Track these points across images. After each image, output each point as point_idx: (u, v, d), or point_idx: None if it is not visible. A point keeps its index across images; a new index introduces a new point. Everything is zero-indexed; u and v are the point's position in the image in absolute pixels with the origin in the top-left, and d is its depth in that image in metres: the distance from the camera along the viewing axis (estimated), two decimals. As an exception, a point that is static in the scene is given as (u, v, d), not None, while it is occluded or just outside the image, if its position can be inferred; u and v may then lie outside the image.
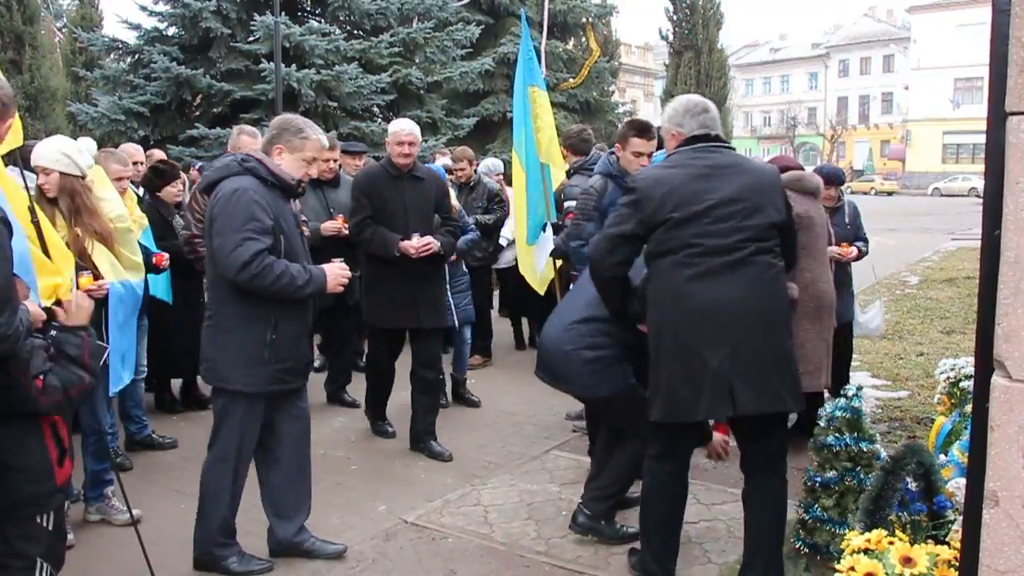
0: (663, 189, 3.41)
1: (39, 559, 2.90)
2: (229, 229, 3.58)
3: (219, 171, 3.80)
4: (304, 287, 3.70)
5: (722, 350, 3.28)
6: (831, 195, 5.82)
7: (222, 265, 3.60)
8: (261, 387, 3.76)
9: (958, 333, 8.59)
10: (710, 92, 29.84)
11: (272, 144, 3.81)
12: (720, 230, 3.36)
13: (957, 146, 53.43)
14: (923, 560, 2.81)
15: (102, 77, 13.56)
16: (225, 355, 3.72)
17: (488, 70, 16.12)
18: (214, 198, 3.71)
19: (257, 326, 3.70)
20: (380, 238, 5.25)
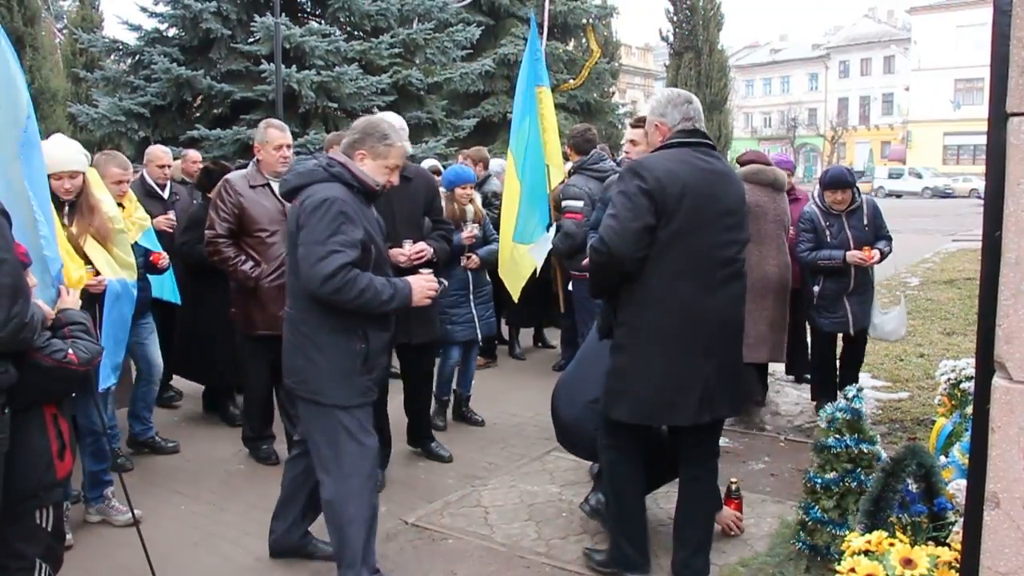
0: (678, 186, 3.36)
1: (38, 560, 2.93)
2: (314, 240, 3.38)
3: (303, 176, 3.56)
4: (389, 302, 3.48)
5: (713, 360, 3.46)
6: (839, 199, 5.76)
7: (304, 277, 3.41)
8: (357, 399, 3.55)
9: (959, 334, 8.59)
10: (710, 93, 29.88)
11: (354, 148, 3.61)
12: (723, 241, 3.45)
13: (958, 147, 53.40)
14: (924, 562, 2.81)
15: (102, 78, 13.58)
16: (318, 368, 3.50)
17: (488, 71, 16.13)
18: (300, 205, 3.48)
19: (348, 337, 3.50)
20: None
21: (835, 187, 5.75)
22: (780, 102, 65.48)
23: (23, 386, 2.76)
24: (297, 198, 3.54)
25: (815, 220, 5.83)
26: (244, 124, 12.40)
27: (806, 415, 6.16)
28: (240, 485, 5.01)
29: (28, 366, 2.77)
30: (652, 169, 3.39)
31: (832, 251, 5.73)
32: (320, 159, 3.63)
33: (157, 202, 6.21)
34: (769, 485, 4.92)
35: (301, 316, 3.55)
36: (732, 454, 5.42)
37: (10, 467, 2.77)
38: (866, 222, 5.81)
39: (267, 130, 5.15)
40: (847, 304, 5.82)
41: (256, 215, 5.00)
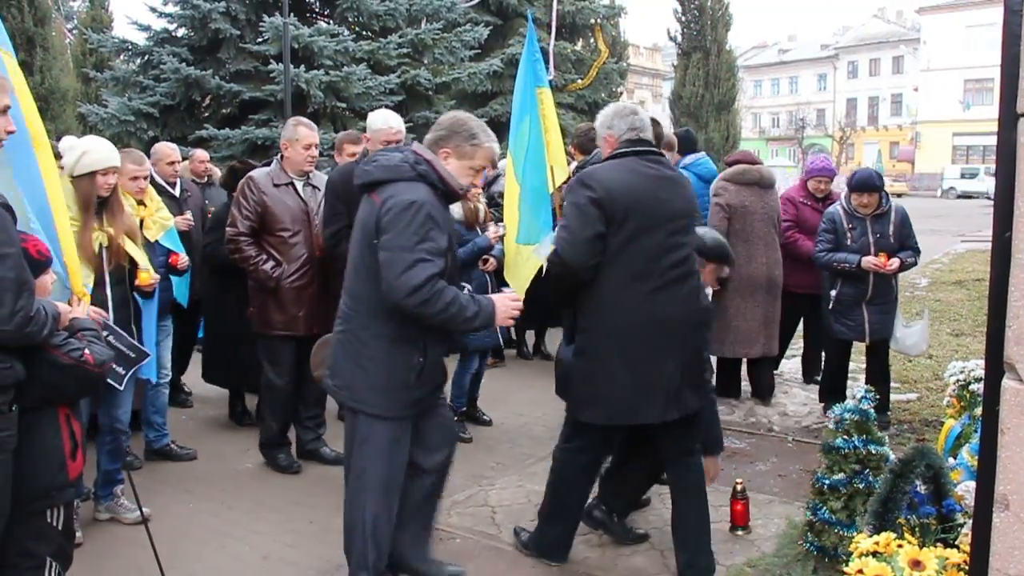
0: (626, 193, 3.51)
1: (49, 558, 2.95)
2: (401, 247, 3.15)
3: (387, 171, 3.33)
4: (472, 319, 3.27)
5: (676, 359, 3.55)
6: (865, 202, 5.61)
7: (389, 286, 3.16)
8: (403, 412, 3.39)
9: (968, 335, 8.56)
10: (718, 93, 29.87)
11: (439, 146, 3.41)
12: (673, 243, 3.58)
13: (967, 148, 53.19)
14: (932, 563, 2.80)
15: (112, 78, 13.62)
16: (367, 377, 3.33)
17: (496, 71, 16.12)
18: (382, 204, 3.25)
19: (407, 349, 3.31)
20: None
21: (862, 190, 5.59)
22: (788, 102, 65.28)
23: (37, 383, 2.78)
24: (377, 194, 3.31)
25: (837, 221, 5.70)
26: (253, 124, 12.44)
27: (814, 416, 6.15)
28: (248, 484, 5.02)
29: (44, 363, 2.79)
30: (600, 179, 3.54)
31: (848, 255, 5.60)
32: (406, 154, 3.40)
33: (169, 200, 6.05)
34: (777, 486, 4.91)
35: (362, 321, 3.35)
36: (740, 455, 5.41)
37: (23, 466, 2.79)
38: (892, 229, 5.64)
39: (297, 127, 5.03)
40: (865, 312, 5.70)
41: (279, 213, 4.96)
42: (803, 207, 6.48)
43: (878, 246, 5.58)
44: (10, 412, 2.66)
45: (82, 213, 4.03)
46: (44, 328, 2.70)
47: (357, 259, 3.37)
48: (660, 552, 4.06)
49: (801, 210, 6.48)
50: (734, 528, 4.25)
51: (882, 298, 5.70)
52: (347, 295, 3.43)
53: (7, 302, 2.56)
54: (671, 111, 31.75)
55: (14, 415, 2.68)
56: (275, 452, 5.22)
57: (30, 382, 2.76)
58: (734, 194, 6.11)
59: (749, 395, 6.61)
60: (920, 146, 55.04)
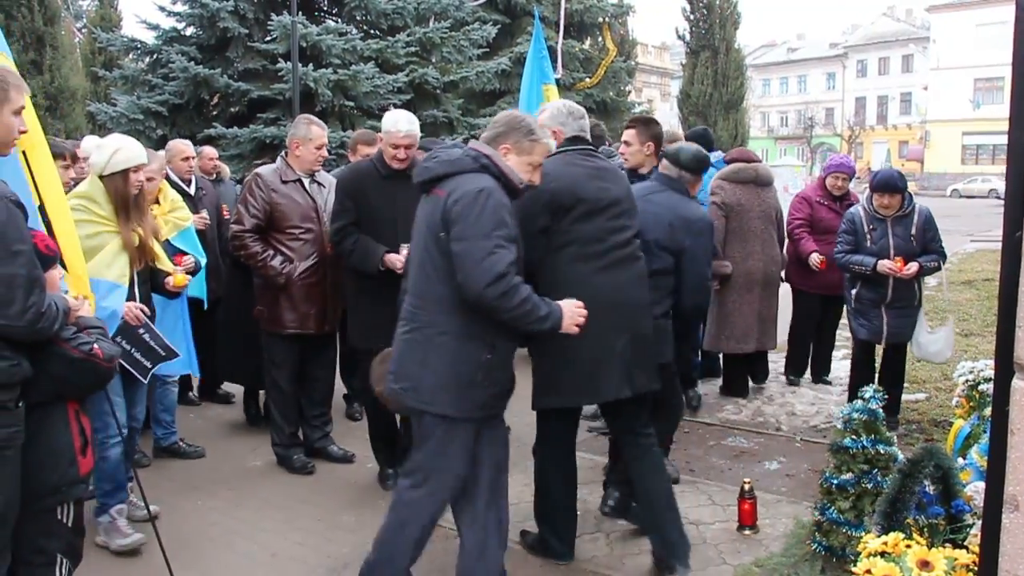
0: (570, 182, 3.72)
1: (59, 555, 2.96)
2: (477, 234, 3.08)
3: (449, 165, 3.28)
4: (543, 320, 3.20)
5: (624, 336, 3.67)
6: (887, 203, 5.43)
7: (467, 276, 3.08)
8: (471, 412, 3.28)
9: (977, 336, 8.52)
10: (727, 92, 29.81)
11: (497, 143, 3.38)
12: (616, 226, 3.77)
13: (977, 147, 52.99)
14: (941, 564, 2.79)
15: (121, 77, 13.67)
16: (435, 376, 3.23)
17: (504, 69, 16.12)
18: (447, 197, 3.19)
19: (473, 345, 3.23)
20: (363, 250, 4.57)
21: (884, 191, 5.42)
22: (797, 101, 65.17)
23: (48, 376, 2.80)
24: (440, 188, 3.25)
25: (856, 222, 5.56)
26: (261, 123, 12.47)
27: (822, 415, 6.13)
28: (257, 482, 5.03)
29: (54, 356, 2.80)
30: (555, 173, 3.69)
31: (865, 257, 5.45)
32: (466, 149, 3.36)
33: (185, 198, 5.94)
34: (785, 485, 4.90)
35: (428, 318, 3.25)
36: (748, 454, 5.40)
37: (34, 463, 2.81)
38: (914, 231, 5.45)
39: (310, 127, 5.00)
40: (884, 315, 5.56)
41: (288, 211, 4.94)
42: (819, 206, 6.42)
43: (898, 249, 5.41)
44: (17, 408, 2.68)
45: (117, 212, 4.02)
46: (55, 323, 2.71)
47: (423, 257, 3.29)
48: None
49: (816, 209, 6.42)
50: (742, 527, 4.24)
51: (902, 302, 5.53)
52: (413, 295, 3.33)
53: (19, 299, 2.57)
54: (679, 110, 31.70)
55: (20, 411, 2.70)
56: (289, 453, 5.20)
57: (40, 375, 2.78)
58: (730, 192, 6.16)
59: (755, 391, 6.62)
60: (929, 145, 54.84)
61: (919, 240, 5.47)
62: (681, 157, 4.32)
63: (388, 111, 4.78)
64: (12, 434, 2.65)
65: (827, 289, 6.33)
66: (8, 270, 2.56)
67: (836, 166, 6.52)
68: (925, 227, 5.47)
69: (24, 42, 16.27)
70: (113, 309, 3.91)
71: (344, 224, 4.62)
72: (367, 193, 4.60)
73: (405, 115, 4.64)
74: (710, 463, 5.25)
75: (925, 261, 5.43)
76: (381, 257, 4.49)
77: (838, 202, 6.41)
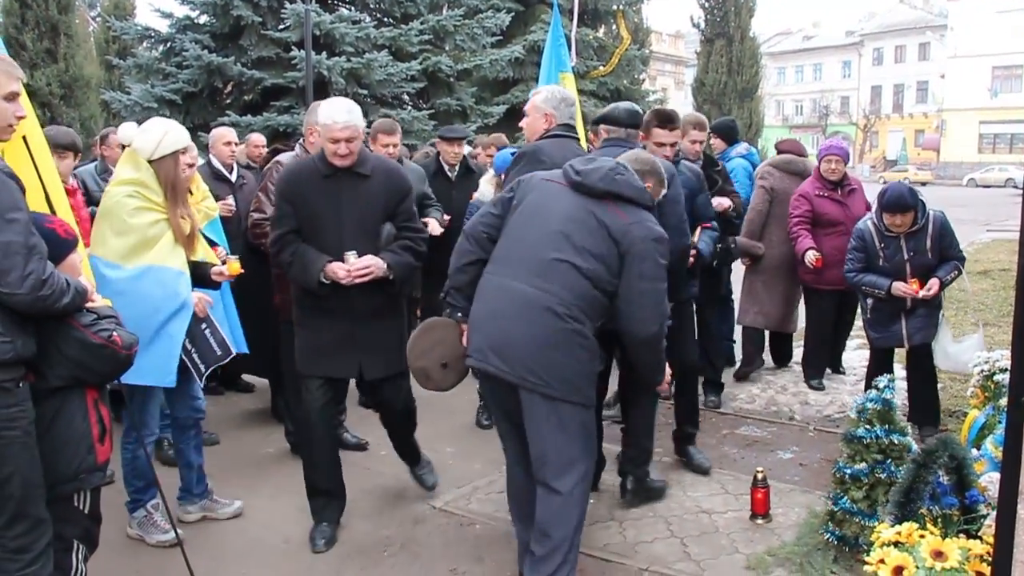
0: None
1: (75, 541, 3.00)
2: (656, 280, 3.37)
3: (638, 193, 3.43)
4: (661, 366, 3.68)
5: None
6: (898, 222, 5.03)
7: (645, 316, 3.36)
8: (593, 400, 3.48)
9: (993, 326, 8.46)
10: (742, 80, 29.62)
11: (644, 180, 3.55)
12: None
13: (994, 136, 52.62)
14: (955, 554, 2.79)
15: (135, 65, 13.70)
16: (582, 367, 3.29)
17: (518, 58, 16.10)
18: (632, 227, 3.33)
19: (598, 344, 3.40)
20: (301, 261, 3.95)
21: (894, 210, 4.99)
22: (812, 90, 64.74)
23: (66, 360, 2.83)
24: (623, 211, 3.34)
25: (867, 239, 5.21)
26: (275, 111, 12.49)
27: (836, 405, 6.12)
28: (270, 468, 5.06)
29: (73, 341, 2.83)
30: (551, 155, 3.91)
31: (879, 278, 5.16)
32: (641, 184, 3.48)
33: (224, 185, 5.89)
34: (798, 475, 4.89)
35: (574, 314, 3.24)
36: (761, 443, 5.40)
37: (52, 449, 2.84)
38: (929, 243, 5.07)
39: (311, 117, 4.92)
40: (903, 320, 5.23)
41: None
42: (819, 199, 6.17)
43: (914, 264, 5.10)
44: (18, 388, 2.69)
45: (168, 197, 3.91)
46: (63, 296, 2.71)
47: (594, 264, 3.27)
48: (680, 540, 4.06)
49: (817, 203, 6.17)
50: (754, 516, 4.24)
51: (924, 307, 5.19)
52: (569, 292, 3.25)
53: (17, 265, 2.58)
54: (694, 98, 31.53)
55: (23, 392, 2.71)
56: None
57: (59, 359, 2.81)
58: (778, 180, 6.54)
59: (768, 381, 6.61)
60: (946, 134, 54.44)
61: (935, 251, 5.12)
62: (621, 116, 4.37)
63: (322, 102, 4.18)
64: (14, 414, 2.66)
65: (839, 284, 6.02)
66: (4, 237, 2.57)
67: (827, 149, 6.36)
68: (941, 235, 5.12)
69: (39, 31, 16.30)
70: (184, 299, 3.84)
71: (282, 233, 4.01)
72: (307, 195, 3.99)
73: (343, 104, 4.05)
74: (723, 452, 5.25)
75: (944, 274, 5.12)
76: (322, 268, 3.89)
77: (837, 189, 6.22)
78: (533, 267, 3.28)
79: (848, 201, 6.23)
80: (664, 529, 4.19)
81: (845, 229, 6.01)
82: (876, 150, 59.47)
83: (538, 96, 4.28)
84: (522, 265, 3.31)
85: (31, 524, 2.73)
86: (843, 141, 6.68)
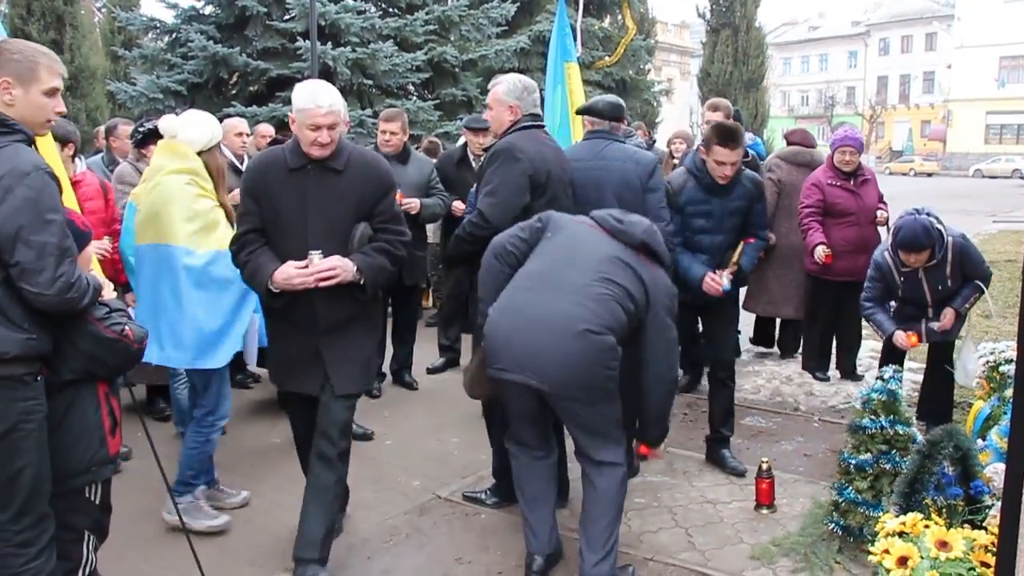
0: (543, 163, 4.02)
1: (86, 531, 3.02)
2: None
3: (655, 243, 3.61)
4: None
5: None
6: (913, 260, 4.79)
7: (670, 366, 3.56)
8: None
9: (998, 317, 8.46)
10: (747, 71, 29.57)
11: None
12: (569, 205, 4.06)
13: (1000, 126, 52.39)
14: (959, 544, 2.79)
15: (140, 56, 13.69)
16: (616, 379, 3.37)
17: (524, 48, 16.03)
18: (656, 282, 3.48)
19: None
20: (252, 266, 3.49)
21: (909, 250, 4.75)
22: (818, 80, 64.54)
23: (80, 354, 2.85)
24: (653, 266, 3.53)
25: (884, 270, 4.98)
26: (280, 101, 12.46)
27: (841, 396, 6.12)
28: (275, 458, 5.08)
29: (87, 335, 2.84)
30: (525, 150, 3.96)
31: (885, 320, 5.04)
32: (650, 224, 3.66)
33: (236, 176, 5.80)
34: (802, 465, 4.90)
35: (608, 334, 3.36)
36: (765, 434, 5.41)
37: (66, 442, 2.87)
38: (949, 271, 4.86)
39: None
40: (924, 323, 5.07)
41: None
42: (831, 189, 6.06)
43: (935, 294, 4.95)
44: (35, 383, 2.72)
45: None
46: (85, 297, 2.74)
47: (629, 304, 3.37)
48: (685, 530, 4.08)
49: (829, 193, 6.06)
50: (759, 507, 4.25)
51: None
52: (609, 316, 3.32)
53: (49, 267, 2.61)
54: (699, 89, 31.47)
55: (39, 386, 2.74)
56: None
57: (72, 352, 2.83)
58: (786, 172, 6.64)
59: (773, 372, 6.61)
60: (952, 125, 54.21)
61: (956, 277, 4.91)
62: (604, 109, 4.45)
63: (300, 84, 3.59)
64: (31, 407, 2.69)
65: (849, 275, 5.97)
66: (40, 238, 2.59)
67: (841, 140, 6.13)
68: (962, 262, 4.89)
69: (44, 22, 16.29)
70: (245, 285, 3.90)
71: (241, 232, 3.57)
72: (271, 191, 3.50)
73: (325, 86, 3.56)
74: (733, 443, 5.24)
75: (961, 304, 4.97)
76: (270, 275, 3.41)
77: (851, 179, 6.09)
78: (576, 287, 3.34)
79: (861, 191, 6.09)
80: (669, 519, 4.21)
81: (856, 220, 6.01)
82: (882, 141, 59.28)
83: (499, 87, 4.18)
84: (564, 284, 3.36)
85: (37, 518, 2.75)
86: (856, 130, 6.43)
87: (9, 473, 2.66)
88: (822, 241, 5.93)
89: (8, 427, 2.63)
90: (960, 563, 2.76)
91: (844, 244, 5.98)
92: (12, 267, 2.58)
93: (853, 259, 5.92)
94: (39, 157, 2.72)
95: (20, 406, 2.66)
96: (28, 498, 2.71)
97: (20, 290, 2.61)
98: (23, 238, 2.57)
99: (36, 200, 2.59)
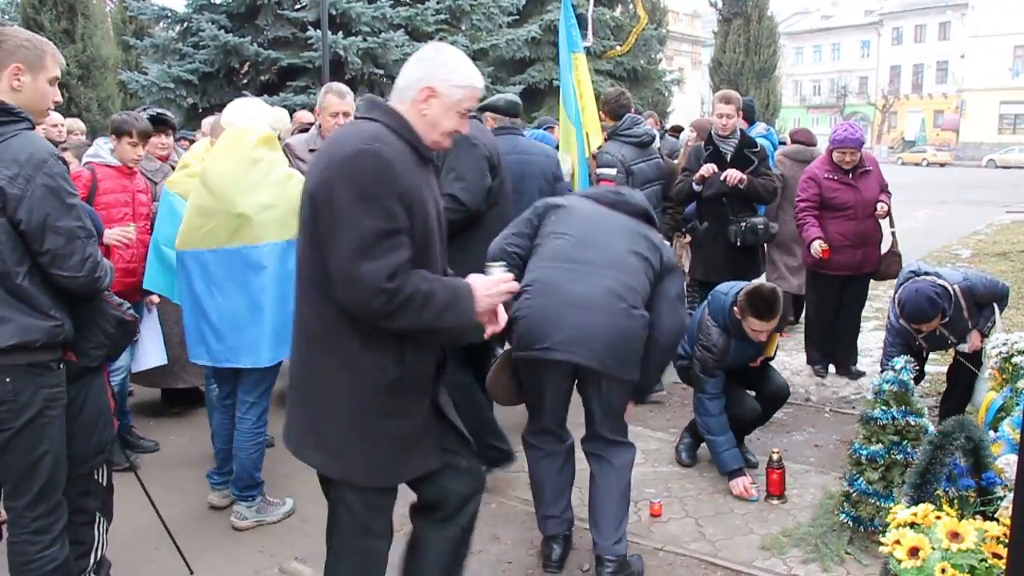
0: (496, 148, 4.28)
1: (97, 513, 3.06)
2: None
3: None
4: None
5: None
6: (924, 329, 4.78)
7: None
8: None
9: (1011, 308, 8.40)
10: (759, 60, 29.39)
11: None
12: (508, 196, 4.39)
13: (1014, 116, 51.97)
14: (971, 536, 2.78)
15: (152, 46, 13.75)
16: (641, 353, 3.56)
17: (534, 37, 16.04)
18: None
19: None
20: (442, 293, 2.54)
21: (919, 322, 4.75)
22: (830, 70, 64.16)
23: (104, 339, 2.90)
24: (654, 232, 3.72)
25: (906, 336, 4.90)
26: (291, 91, 12.50)
27: (852, 387, 6.11)
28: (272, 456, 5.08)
29: (111, 319, 2.91)
30: (478, 137, 4.14)
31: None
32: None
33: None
34: (813, 456, 4.90)
35: (639, 305, 3.47)
36: (776, 424, 5.39)
37: (84, 426, 2.91)
38: (967, 314, 4.83)
39: (326, 95, 4.87)
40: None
41: None
42: (828, 182, 5.92)
43: (959, 336, 4.92)
44: (59, 369, 2.75)
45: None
46: (107, 277, 2.80)
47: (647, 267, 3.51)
48: (695, 520, 4.08)
49: (826, 187, 5.92)
50: (770, 497, 4.26)
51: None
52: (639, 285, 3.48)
53: (78, 250, 2.65)
54: (711, 78, 31.31)
55: (62, 372, 2.77)
56: None
57: (100, 338, 2.88)
58: (789, 168, 7.23)
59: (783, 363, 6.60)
60: (965, 115, 53.83)
61: (973, 313, 4.88)
62: (502, 107, 4.85)
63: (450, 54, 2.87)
64: (56, 394, 2.73)
65: (848, 269, 5.94)
66: (66, 223, 2.63)
67: (841, 141, 5.88)
68: (974, 300, 4.86)
69: (56, 11, 16.32)
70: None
71: (402, 262, 3.26)
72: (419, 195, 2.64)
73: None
74: (738, 433, 5.25)
75: (983, 325, 4.93)
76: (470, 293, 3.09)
77: (849, 172, 5.93)
78: (609, 262, 3.42)
79: (859, 184, 5.92)
80: (679, 509, 4.21)
81: (855, 213, 5.89)
82: (895, 131, 58.96)
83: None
84: (598, 260, 3.42)
85: (52, 505, 2.79)
86: (858, 128, 6.18)
87: (31, 459, 2.69)
88: (818, 236, 5.82)
89: (34, 413, 2.66)
90: (972, 554, 2.75)
91: (842, 238, 5.86)
92: (42, 255, 2.62)
93: (851, 253, 5.88)
94: (48, 143, 2.76)
95: (46, 392, 2.69)
96: (46, 484, 2.74)
97: (51, 276, 2.64)
98: (51, 226, 2.61)
99: (57, 187, 2.63)
